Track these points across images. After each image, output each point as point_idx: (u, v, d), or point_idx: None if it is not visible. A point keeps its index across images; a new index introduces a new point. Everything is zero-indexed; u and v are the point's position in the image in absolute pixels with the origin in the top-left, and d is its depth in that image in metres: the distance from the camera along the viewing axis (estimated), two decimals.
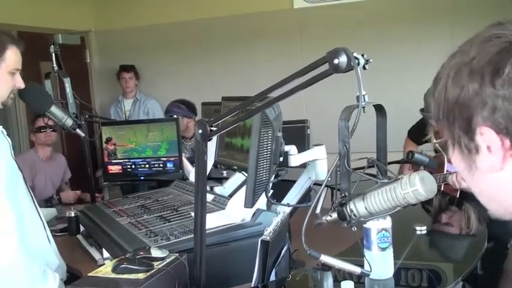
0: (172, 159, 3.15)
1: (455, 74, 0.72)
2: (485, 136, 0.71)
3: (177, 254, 1.65)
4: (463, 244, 2.23)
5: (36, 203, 1.93)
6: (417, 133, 3.17)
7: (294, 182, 2.17)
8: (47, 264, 1.80)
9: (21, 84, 1.90)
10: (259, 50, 5.44)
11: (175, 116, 3.80)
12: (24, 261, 1.63)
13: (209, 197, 2.23)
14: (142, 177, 3.25)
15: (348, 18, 5.14)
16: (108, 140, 3.22)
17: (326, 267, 1.54)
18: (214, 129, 1.41)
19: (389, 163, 1.43)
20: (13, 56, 1.83)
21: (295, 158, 2.03)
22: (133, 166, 3.22)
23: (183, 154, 3.27)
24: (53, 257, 1.93)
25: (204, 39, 5.63)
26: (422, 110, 2.89)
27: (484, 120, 0.70)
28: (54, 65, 2.85)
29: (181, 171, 3.10)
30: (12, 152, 1.82)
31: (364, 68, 1.10)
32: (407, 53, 4.94)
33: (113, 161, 3.24)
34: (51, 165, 3.90)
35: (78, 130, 2.65)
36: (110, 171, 3.26)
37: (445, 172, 2.85)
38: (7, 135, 1.84)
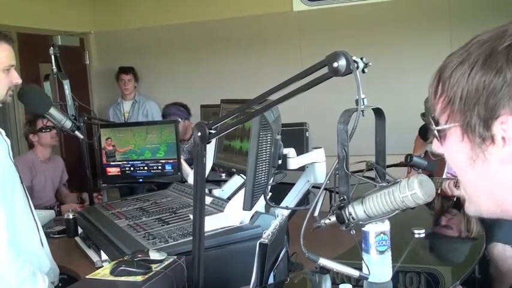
0: (171, 161, 3.14)
1: (487, 57, 0.70)
2: (506, 126, 0.68)
3: (176, 257, 1.65)
4: (461, 247, 2.23)
5: (32, 206, 1.92)
6: (426, 131, 3.19)
7: (292, 184, 2.17)
8: (38, 267, 1.79)
9: (18, 80, 1.87)
10: (258, 52, 5.44)
11: (178, 119, 3.79)
12: (13, 263, 1.62)
13: (208, 200, 2.23)
14: (141, 180, 3.25)
15: (348, 21, 5.15)
16: (106, 140, 3.22)
17: (324, 270, 1.53)
18: (213, 131, 1.41)
19: (388, 166, 1.43)
20: (4, 52, 1.81)
21: (294, 160, 2.03)
22: (131, 168, 3.22)
23: (181, 156, 3.27)
24: (45, 260, 1.91)
25: (203, 41, 5.63)
26: (423, 115, 2.89)
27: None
28: (54, 66, 2.85)
29: (179, 173, 3.10)
30: (11, 153, 1.81)
31: (363, 71, 1.10)
32: (406, 56, 4.95)
33: (111, 163, 3.24)
34: (50, 166, 3.90)
35: (76, 132, 2.64)
36: (109, 174, 3.26)
37: (444, 176, 2.85)
38: (6, 136, 1.84)
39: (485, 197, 0.76)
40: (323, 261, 1.34)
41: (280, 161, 1.76)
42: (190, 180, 2.81)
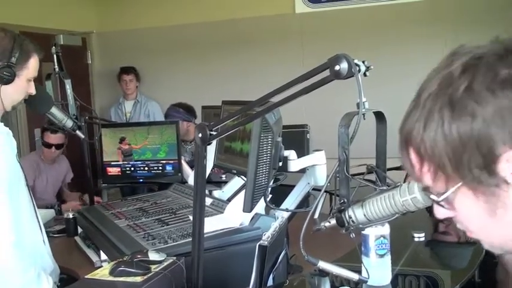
0: (172, 162, 3.14)
1: (451, 107, 0.65)
2: None
3: (175, 258, 1.65)
4: (461, 251, 2.23)
5: (36, 206, 1.92)
6: None
7: (293, 187, 2.17)
8: (42, 267, 1.79)
9: (33, 91, 1.93)
10: (260, 54, 5.45)
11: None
12: (18, 264, 1.62)
13: (208, 201, 2.23)
14: (141, 180, 3.25)
15: (350, 24, 5.15)
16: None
17: (323, 273, 1.53)
18: (214, 133, 1.40)
19: (389, 169, 1.42)
20: (35, 64, 1.87)
21: (295, 163, 2.03)
22: (132, 168, 3.22)
23: (183, 157, 3.27)
24: (48, 260, 1.92)
25: (206, 42, 5.64)
26: None
27: (511, 142, 0.63)
28: (55, 66, 2.85)
29: (180, 174, 3.10)
30: (17, 153, 1.81)
31: (364, 74, 1.10)
32: (408, 59, 4.94)
33: (112, 162, 3.24)
34: (54, 167, 3.91)
35: (78, 131, 2.64)
36: (109, 173, 3.26)
37: None
38: (13, 136, 1.84)
39: None
40: (322, 264, 1.34)
41: (280, 163, 1.76)
42: (191, 181, 2.81)
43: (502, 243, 0.73)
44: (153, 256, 1.60)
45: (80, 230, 2.61)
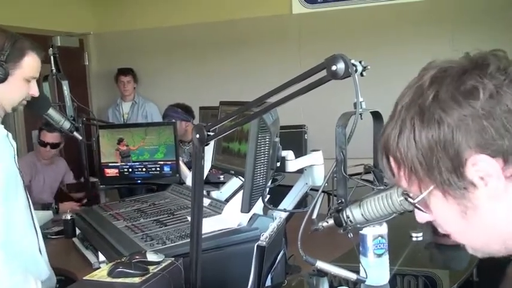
0: (170, 163, 3.14)
1: (421, 115, 0.70)
2: (478, 166, 0.67)
3: (173, 259, 1.64)
4: (459, 251, 2.23)
5: (34, 213, 1.90)
6: None
7: (290, 187, 2.17)
8: (37, 273, 1.77)
9: (36, 93, 1.86)
10: (257, 54, 5.45)
11: (173, 121, 3.80)
12: (5, 267, 1.59)
13: (206, 202, 2.23)
14: (139, 181, 3.25)
15: (347, 24, 5.15)
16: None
17: (322, 273, 1.53)
18: (211, 133, 1.40)
19: None
20: (32, 63, 1.80)
21: (292, 163, 2.03)
22: (130, 169, 3.22)
23: (181, 158, 3.27)
24: (44, 267, 1.89)
25: (203, 43, 5.64)
26: None
27: (475, 147, 0.67)
28: (53, 67, 2.85)
29: (178, 175, 3.10)
30: (16, 157, 1.79)
31: (361, 74, 1.10)
32: (406, 58, 4.93)
33: (110, 164, 3.24)
34: (51, 168, 3.91)
35: (75, 133, 2.64)
36: (107, 175, 3.26)
37: None
38: (12, 138, 1.81)
39: (492, 243, 0.75)
40: (320, 264, 1.34)
41: (278, 164, 1.76)
42: (189, 182, 2.81)
43: (483, 246, 0.77)
44: (151, 257, 1.60)
45: (78, 231, 2.60)
